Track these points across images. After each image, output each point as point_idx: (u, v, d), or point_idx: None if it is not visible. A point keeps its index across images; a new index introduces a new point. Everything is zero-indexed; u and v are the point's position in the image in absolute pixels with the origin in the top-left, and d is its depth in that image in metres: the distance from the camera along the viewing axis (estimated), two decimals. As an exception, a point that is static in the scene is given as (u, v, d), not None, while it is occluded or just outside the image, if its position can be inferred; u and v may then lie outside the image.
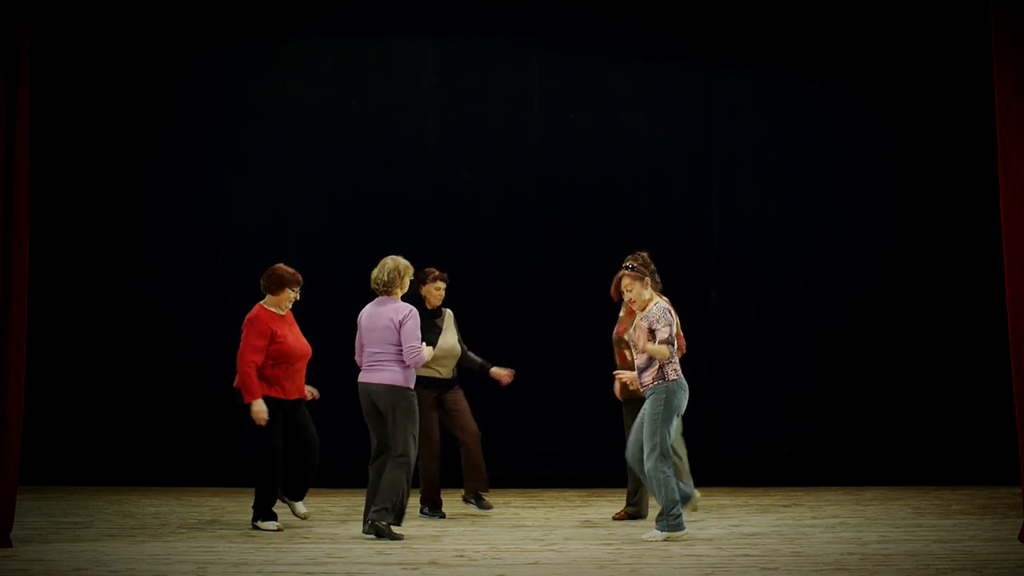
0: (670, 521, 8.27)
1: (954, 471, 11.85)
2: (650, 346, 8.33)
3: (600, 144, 12.26)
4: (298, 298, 9.18)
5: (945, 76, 12.12)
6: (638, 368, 8.48)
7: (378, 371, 8.55)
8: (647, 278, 8.55)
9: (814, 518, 9.50)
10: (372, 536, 8.38)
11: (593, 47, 12.25)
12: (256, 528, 8.91)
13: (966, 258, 12.06)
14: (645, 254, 8.76)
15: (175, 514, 9.79)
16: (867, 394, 12.11)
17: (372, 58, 12.31)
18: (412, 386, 8.59)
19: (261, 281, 9.13)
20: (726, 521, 9.29)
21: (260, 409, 8.84)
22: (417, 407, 8.59)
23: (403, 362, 8.48)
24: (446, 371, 9.67)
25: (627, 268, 8.59)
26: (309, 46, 12.30)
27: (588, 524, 9.23)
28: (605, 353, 9.59)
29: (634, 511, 9.40)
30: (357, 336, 8.77)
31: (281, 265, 9.18)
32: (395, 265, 8.68)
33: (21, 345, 7.94)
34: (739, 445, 12.01)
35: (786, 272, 12.22)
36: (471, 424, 9.72)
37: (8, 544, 7.88)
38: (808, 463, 12.04)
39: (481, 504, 9.70)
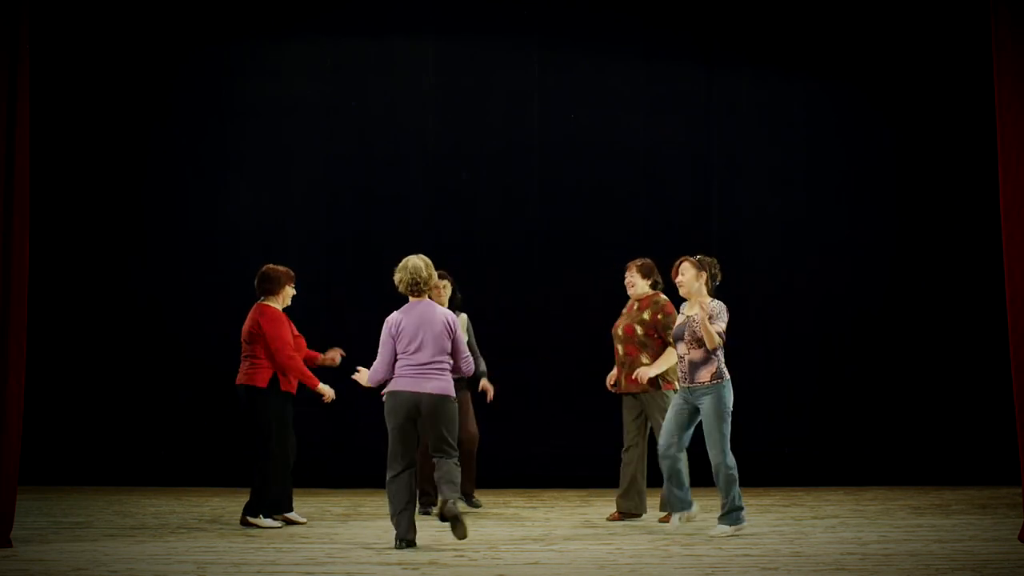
0: (739, 515, 8.46)
1: (954, 471, 11.86)
2: (711, 327, 8.32)
3: (600, 144, 12.27)
4: (295, 292, 9.24)
5: (945, 76, 12.12)
6: (692, 363, 8.50)
7: (432, 379, 7.91)
8: (704, 273, 8.62)
9: (814, 518, 9.49)
10: (450, 520, 7.77)
11: (593, 47, 12.26)
12: (247, 524, 8.95)
13: (966, 258, 12.07)
14: (713, 260, 8.78)
15: (175, 514, 9.79)
16: (867, 394, 12.12)
17: (372, 58, 12.32)
18: None
19: (257, 284, 9.17)
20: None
21: (327, 388, 9.08)
22: None
23: (450, 370, 8.00)
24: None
25: (694, 258, 8.66)
26: (309, 46, 12.30)
27: (588, 524, 9.23)
28: (605, 353, 9.58)
29: (632, 506, 9.37)
30: (389, 344, 7.96)
31: (270, 265, 9.24)
32: (426, 261, 8.05)
33: (21, 345, 7.94)
34: (739, 445, 11.98)
35: (786, 272, 12.23)
36: (472, 426, 9.86)
37: (8, 544, 7.88)
38: (808, 463, 12.04)
39: (472, 502, 9.92)
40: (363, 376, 8.22)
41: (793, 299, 12.22)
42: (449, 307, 9.86)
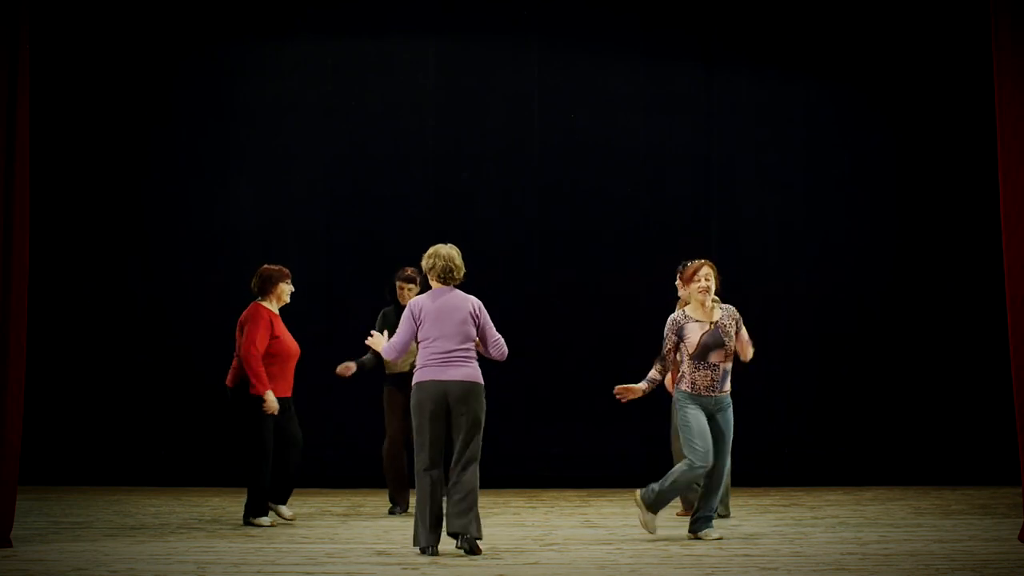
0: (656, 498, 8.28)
1: (954, 471, 11.85)
2: (750, 350, 8.47)
3: (600, 144, 12.26)
4: (293, 289, 9.24)
5: (945, 76, 12.12)
6: (726, 372, 8.46)
7: (458, 367, 7.75)
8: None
9: (814, 518, 9.50)
10: (464, 551, 7.67)
11: (593, 47, 12.26)
12: (250, 524, 8.96)
13: (966, 259, 12.07)
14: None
15: (175, 514, 9.79)
16: (867, 394, 12.11)
17: (372, 58, 12.31)
18: None
19: (252, 285, 9.20)
20: (726, 521, 9.29)
21: (273, 398, 8.93)
22: None
23: (477, 358, 7.89)
24: None
25: (708, 262, 8.55)
26: (309, 46, 12.30)
27: (588, 524, 9.23)
28: (606, 353, 9.59)
29: (723, 511, 9.31)
30: (410, 326, 7.81)
31: (264, 265, 9.27)
32: (457, 251, 8.07)
33: (21, 345, 7.94)
34: (739, 445, 11.99)
35: (786, 273, 12.22)
36: None
37: (8, 544, 7.88)
38: (808, 463, 12.04)
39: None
40: (378, 342, 8.12)
41: (793, 299, 12.21)
42: None
